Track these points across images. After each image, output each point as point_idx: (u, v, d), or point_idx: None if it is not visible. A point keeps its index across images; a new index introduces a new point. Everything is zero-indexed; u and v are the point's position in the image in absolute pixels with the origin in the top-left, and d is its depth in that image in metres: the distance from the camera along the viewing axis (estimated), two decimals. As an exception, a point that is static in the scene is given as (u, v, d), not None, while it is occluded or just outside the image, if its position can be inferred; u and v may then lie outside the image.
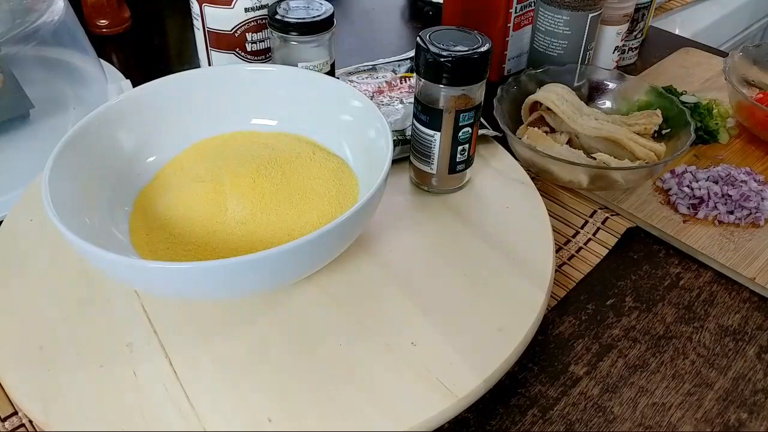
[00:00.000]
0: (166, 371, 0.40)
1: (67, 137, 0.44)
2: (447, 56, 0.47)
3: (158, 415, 0.38)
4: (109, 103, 0.49)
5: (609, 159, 0.55)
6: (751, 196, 0.56)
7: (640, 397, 0.43)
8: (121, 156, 0.49)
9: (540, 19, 0.68)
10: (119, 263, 0.37)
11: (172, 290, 0.40)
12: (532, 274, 0.46)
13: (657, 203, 0.58)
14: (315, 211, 0.47)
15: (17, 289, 0.45)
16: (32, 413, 0.38)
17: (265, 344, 0.42)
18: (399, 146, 0.57)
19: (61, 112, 0.64)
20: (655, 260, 0.54)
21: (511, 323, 0.43)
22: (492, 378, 0.40)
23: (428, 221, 0.51)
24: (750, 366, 0.45)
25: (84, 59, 0.67)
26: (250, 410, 0.38)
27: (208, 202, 0.48)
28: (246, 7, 0.58)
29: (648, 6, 0.78)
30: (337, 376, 0.40)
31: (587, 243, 0.54)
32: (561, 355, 0.46)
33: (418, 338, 0.42)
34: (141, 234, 0.45)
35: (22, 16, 0.61)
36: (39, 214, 0.50)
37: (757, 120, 0.64)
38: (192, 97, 0.53)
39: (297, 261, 0.39)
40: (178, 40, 0.86)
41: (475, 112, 0.50)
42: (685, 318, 0.49)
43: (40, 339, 0.42)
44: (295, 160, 0.51)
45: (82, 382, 0.39)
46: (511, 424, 0.41)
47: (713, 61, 0.80)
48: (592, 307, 0.49)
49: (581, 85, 0.66)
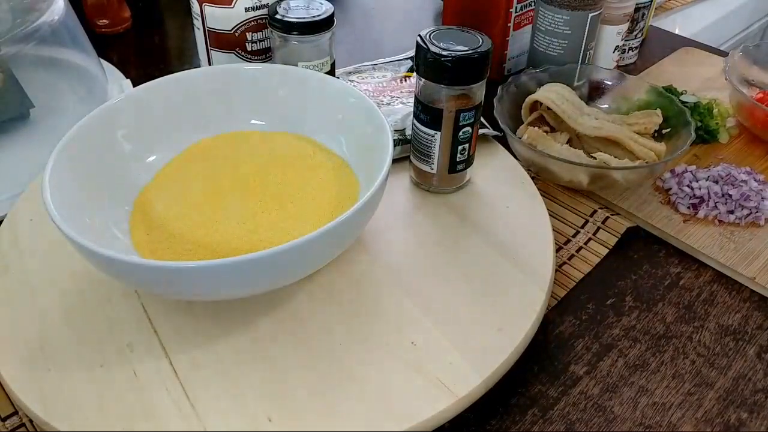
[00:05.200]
0: (166, 371, 0.40)
1: (67, 137, 0.44)
2: (447, 56, 0.47)
3: (158, 415, 0.38)
4: (109, 103, 0.49)
5: (609, 159, 0.55)
6: (751, 195, 0.56)
7: (640, 397, 0.43)
8: (121, 156, 0.49)
9: (540, 18, 0.68)
10: (119, 263, 0.37)
11: (172, 290, 0.40)
12: (532, 274, 0.46)
13: (657, 203, 0.58)
14: (315, 211, 0.47)
15: (17, 288, 0.45)
16: (32, 413, 0.38)
17: (265, 344, 0.42)
18: (399, 146, 0.57)
19: (61, 112, 0.64)
20: (655, 260, 0.54)
21: (511, 323, 0.43)
22: (492, 378, 0.40)
23: (428, 221, 0.51)
24: (750, 366, 0.45)
25: (84, 59, 0.67)
26: (250, 410, 0.38)
27: (208, 202, 0.48)
28: (246, 7, 0.58)
29: (648, 5, 0.78)
30: (337, 375, 0.40)
31: (587, 243, 0.54)
32: (561, 354, 0.46)
33: (418, 338, 0.42)
34: (141, 234, 0.45)
35: (22, 16, 0.61)
36: (39, 214, 0.50)
37: (757, 120, 0.64)
38: (192, 97, 0.53)
39: (297, 261, 0.39)
40: (178, 39, 0.86)
41: (475, 111, 0.50)
42: (686, 318, 0.49)
43: (40, 339, 0.42)
44: (295, 160, 0.51)
45: (82, 382, 0.39)
46: (511, 423, 0.41)
47: (713, 61, 0.79)
48: (592, 307, 0.49)
49: (581, 84, 0.66)
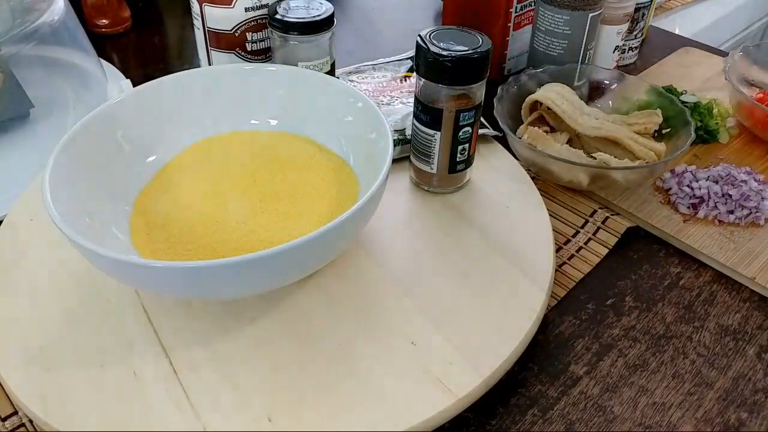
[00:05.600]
0: (166, 371, 0.40)
1: (67, 137, 0.44)
2: (447, 56, 0.47)
3: (158, 415, 0.38)
4: (109, 103, 0.49)
5: (609, 159, 0.55)
6: (751, 195, 0.56)
7: (640, 397, 0.43)
8: (121, 156, 0.49)
9: (540, 18, 0.68)
10: (119, 263, 0.37)
11: (172, 290, 0.40)
12: (532, 274, 0.46)
13: (657, 203, 0.58)
14: (315, 211, 0.47)
15: (17, 288, 0.45)
16: (32, 413, 0.38)
17: (265, 344, 0.42)
18: (399, 146, 0.57)
19: (61, 112, 0.64)
20: (655, 260, 0.54)
21: (511, 323, 0.43)
22: (492, 378, 0.40)
23: (428, 221, 0.51)
24: (750, 365, 0.45)
25: (84, 59, 0.67)
26: (250, 410, 0.38)
27: (208, 202, 0.48)
28: (246, 7, 0.58)
29: (648, 5, 0.78)
30: (337, 375, 0.40)
31: (587, 242, 0.54)
32: (561, 354, 0.46)
33: (418, 338, 0.42)
34: (141, 234, 0.45)
35: (22, 16, 0.61)
36: (39, 214, 0.50)
37: (757, 120, 0.64)
38: (192, 97, 0.53)
39: (297, 261, 0.39)
40: (178, 40, 0.86)
41: (475, 111, 0.50)
42: (685, 318, 0.49)
43: (40, 339, 0.42)
44: (295, 160, 0.51)
45: (82, 382, 0.39)
46: (511, 423, 0.41)
47: (713, 61, 0.79)
48: (592, 307, 0.49)
49: (581, 84, 0.66)
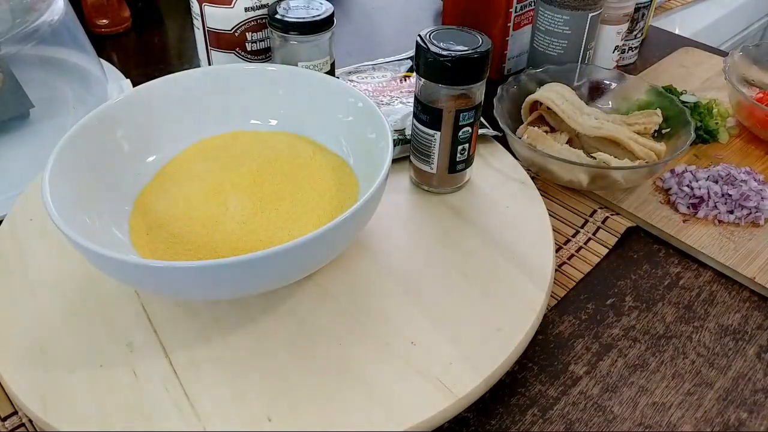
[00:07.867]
0: (166, 371, 0.40)
1: (67, 137, 0.44)
2: (447, 56, 0.47)
3: (158, 415, 0.38)
4: (109, 103, 0.49)
5: (609, 159, 0.55)
6: (751, 195, 0.56)
7: (640, 397, 0.43)
8: (121, 156, 0.49)
9: (540, 18, 0.68)
10: (119, 263, 0.37)
11: (172, 290, 0.40)
12: (532, 274, 0.46)
13: (657, 203, 0.58)
14: (315, 211, 0.47)
15: (17, 288, 0.45)
16: (32, 413, 0.38)
17: (265, 344, 0.42)
18: (399, 146, 0.57)
19: (61, 112, 0.64)
20: (655, 260, 0.54)
21: (511, 323, 0.43)
22: (492, 378, 0.40)
23: (428, 221, 0.51)
24: (750, 365, 0.45)
25: (84, 59, 0.67)
26: (250, 410, 0.38)
27: (208, 202, 0.48)
28: (246, 7, 0.58)
29: (648, 5, 0.78)
30: (337, 375, 0.40)
31: (587, 242, 0.54)
32: (561, 354, 0.46)
33: (418, 338, 0.42)
34: (141, 234, 0.45)
35: (22, 16, 0.61)
36: (39, 214, 0.50)
37: (756, 120, 0.64)
38: (192, 97, 0.53)
39: (297, 261, 0.39)
40: (178, 39, 0.86)
41: (475, 111, 0.50)
42: (685, 317, 0.49)
43: (40, 339, 0.42)
44: (295, 160, 0.51)
45: (82, 382, 0.39)
46: (511, 423, 0.41)
47: (713, 61, 0.79)
48: (592, 307, 0.49)
49: (581, 84, 0.66)
